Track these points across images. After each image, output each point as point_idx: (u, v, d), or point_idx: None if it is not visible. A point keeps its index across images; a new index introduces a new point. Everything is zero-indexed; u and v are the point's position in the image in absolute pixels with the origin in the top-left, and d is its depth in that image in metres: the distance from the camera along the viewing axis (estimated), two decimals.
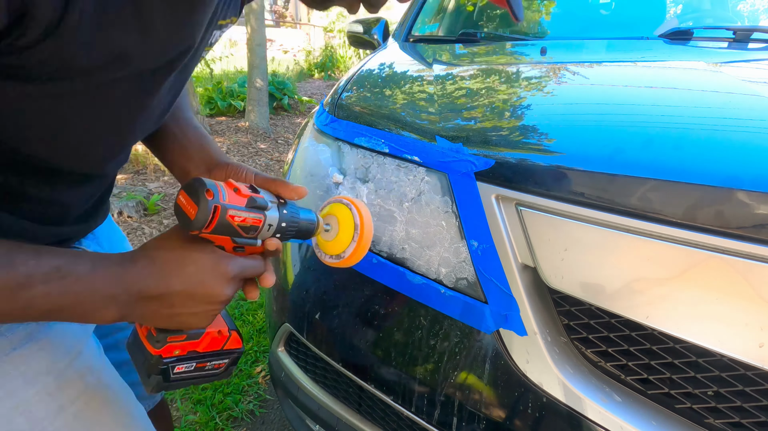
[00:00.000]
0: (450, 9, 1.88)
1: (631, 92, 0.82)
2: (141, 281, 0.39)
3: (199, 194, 0.39)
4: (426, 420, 0.69)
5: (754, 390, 0.52)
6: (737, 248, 0.49)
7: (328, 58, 9.21)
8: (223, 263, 0.42)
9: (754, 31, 1.23)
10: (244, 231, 0.42)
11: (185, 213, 0.40)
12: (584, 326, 0.61)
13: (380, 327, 0.73)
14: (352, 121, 0.86)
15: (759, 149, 0.56)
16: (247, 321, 1.85)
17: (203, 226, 0.39)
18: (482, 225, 0.66)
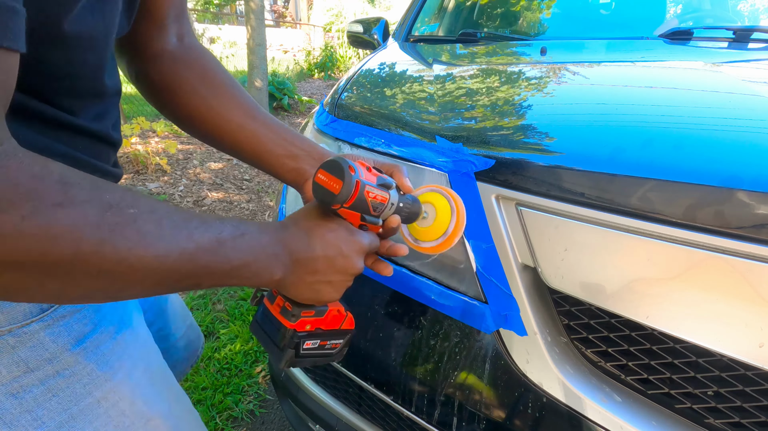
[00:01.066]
0: (450, 9, 1.88)
1: (631, 92, 0.82)
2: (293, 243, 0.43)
3: (343, 170, 0.43)
4: (426, 420, 0.69)
5: (754, 390, 0.52)
6: (737, 248, 0.49)
7: (328, 58, 9.21)
8: (357, 235, 0.46)
9: (754, 31, 1.23)
10: (373, 208, 0.46)
11: (328, 189, 0.43)
12: (584, 326, 0.61)
13: (380, 328, 0.73)
14: (352, 121, 0.86)
15: (759, 149, 0.56)
16: (248, 321, 1.85)
17: (346, 200, 0.43)
18: (482, 225, 0.65)
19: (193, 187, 3.09)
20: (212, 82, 0.58)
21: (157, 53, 0.57)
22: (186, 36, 0.60)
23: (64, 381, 0.43)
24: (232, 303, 1.95)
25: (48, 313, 0.42)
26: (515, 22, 1.70)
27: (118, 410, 0.46)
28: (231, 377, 1.57)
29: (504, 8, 1.74)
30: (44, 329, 0.42)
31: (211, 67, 0.59)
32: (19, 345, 0.40)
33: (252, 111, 0.58)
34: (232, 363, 1.62)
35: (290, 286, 0.45)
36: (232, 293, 2.04)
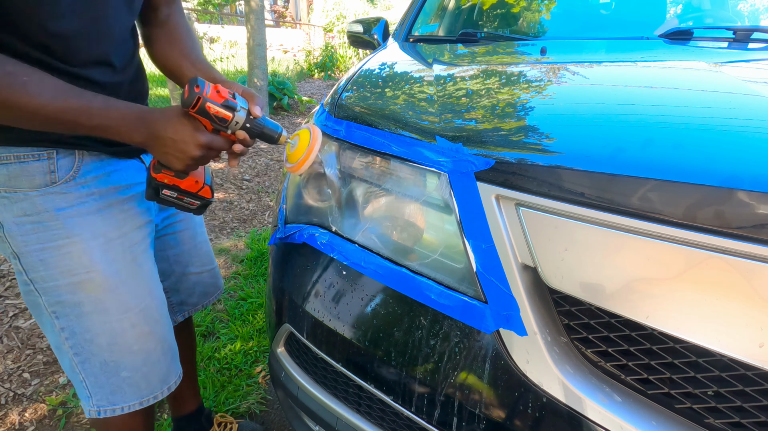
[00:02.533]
0: (450, 9, 1.88)
1: (631, 92, 0.82)
2: (153, 122, 0.66)
3: (192, 86, 0.63)
4: (426, 420, 0.69)
5: (754, 390, 0.52)
6: (737, 248, 0.49)
7: (328, 58, 9.21)
8: (198, 133, 0.66)
9: (754, 31, 1.23)
10: (217, 120, 0.66)
11: (184, 95, 0.63)
12: (584, 326, 0.61)
13: (380, 327, 0.73)
14: (352, 121, 0.86)
15: (759, 149, 0.56)
16: (248, 321, 1.85)
17: (189, 106, 0.63)
18: (482, 225, 0.65)
19: None
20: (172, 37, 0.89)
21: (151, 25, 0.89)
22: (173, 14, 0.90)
23: (42, 227, 0.71)
24: (232, 303, 1.95)
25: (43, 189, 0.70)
26: (515, 22, 1.70)
27: (69, 256, 0.72)
28: (231, 377, 1.57)
29: (504, 8, 1.74)
30: (39, 197, 0.70)
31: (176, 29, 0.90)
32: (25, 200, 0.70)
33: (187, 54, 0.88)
34: (232, 363, 1.62)
35: (150, 150, 0.69)
36: (232, 293, 2.04)
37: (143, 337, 0.81)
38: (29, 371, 1.57)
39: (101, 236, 0.75)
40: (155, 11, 0.88)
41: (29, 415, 1.41)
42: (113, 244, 0.76)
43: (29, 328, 1.76)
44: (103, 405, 0.80)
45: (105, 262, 0.75)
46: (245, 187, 3.28)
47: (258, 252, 2.35)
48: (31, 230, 0.70)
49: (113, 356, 0.78)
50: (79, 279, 0.73)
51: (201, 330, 1.79)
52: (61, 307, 0.74)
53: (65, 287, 0.73)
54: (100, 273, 0.74)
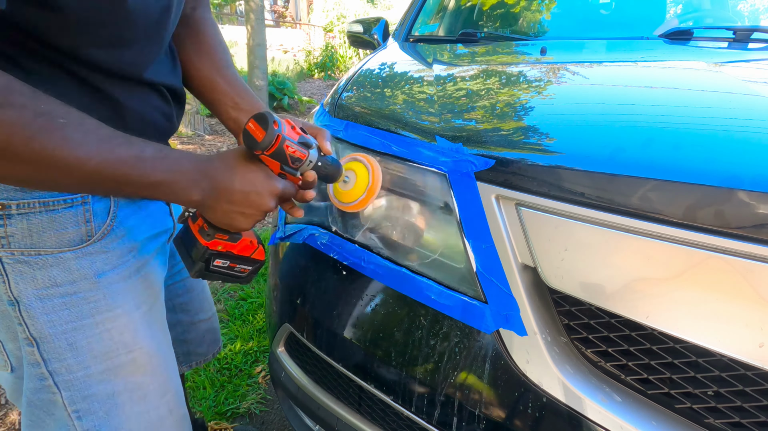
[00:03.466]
0: (450, 9, 1.88)
1: (631, 92, 0.82)
2: (217, 174, 0.52)
3: (268, 123, 0.51)
4: (426, 420, 0.69)
5: (754, 390, 0.52)
6: (737, 248, 0.49)
7: (328, 58, 9.21)
8: (273, 180, 0.54)
9: (754, 31, 1.23)
10: (292, 161, 0.54)
11: (253, 136, 0.51)
12: (584, 326, 0.61)
13: (380, 327, 0.73)
14: (352, 121, 0.86)
15: (759, 149, 0.56)
16: (248, 321, 1.85)
17: (267, 148, 0.51)
18: (482, 225, 0.66)
19: None
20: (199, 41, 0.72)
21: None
22: (198, 8, 0.75)
23: (77, 300, 0.54)
24: (232, 303, 1.95)
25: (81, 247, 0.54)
26: (515, 22, 1.70)
27: (109, 335, 0.57)
28: (231, 377, 1.57)
29: (504, 8, 1.74)
30: (75, 259, 0.53)
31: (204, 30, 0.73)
32: (55, 265, 0.52)
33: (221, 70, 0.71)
34: (232, 363, 1.62)
35: (208, 209, 0.54)
36: (232, 293, 2.04)
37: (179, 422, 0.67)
38: None
39: (144, 304, 0.61)
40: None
41: None
42: (153, 313, 0.62)
43: None
44: None
45: (148, 337, 0.60)
46: None
47: None
48: (61, 305, 0.53)
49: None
50: (118, 362, 0.58)
51: None
52: (89, 403, 0.57)
53: (98, 375, 0.57)
54: (143, 352, 0.60)
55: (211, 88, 0.71)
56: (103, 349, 0.56)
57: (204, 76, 0.71)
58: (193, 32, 0.72)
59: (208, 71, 0.71)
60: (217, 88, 0.71)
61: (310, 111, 4.20)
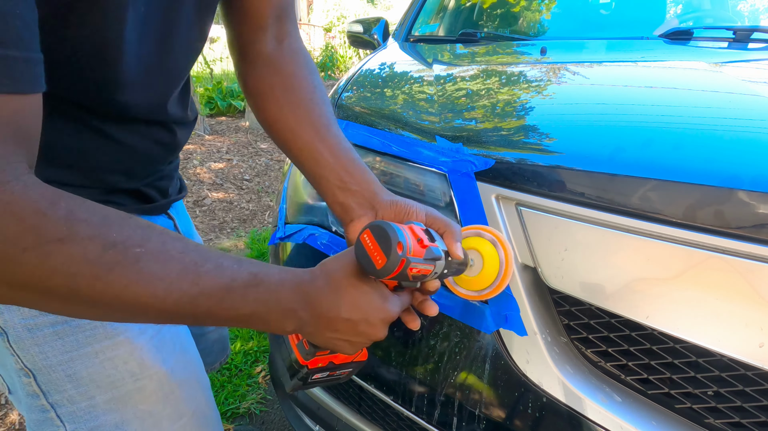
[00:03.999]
0: (450, 9, 1.88)
1: (631, 92, 0.82)
2: (318, 298, 0.42)
3: (390, 245, 0.39)
4: (426, 420, 0.69)
5: (754, 390, 0.52)
6: (737, 248, 0.49)
7: (328, 58, 9.21)
8: (389, 303, 0.44)
9: (754, 31, 1.23)
10: (413, 278, 0.43)
11: (371, 258, 0.41)
12: (584, 326, 0.61)
13: None
14: (352, 121, 0.86)
15: (759, 149, 0.56)
16: None
17: (386, 276, 0.40)
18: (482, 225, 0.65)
19: (194, 187, 3.09)
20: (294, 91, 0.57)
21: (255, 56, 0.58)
22: (287, 38, 0.60)
23: (70, 329, 0.49)
24: None
25: None
26: (515, 22, 1.70)
27: (112, 364, 0.51)
28: (231, 377, 1.57)
29: (504, 8, 1.74)
30: None
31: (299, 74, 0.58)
32: None
33: (322, 131, 0.56)
34: (232, 364, 1.62)
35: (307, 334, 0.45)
36: None
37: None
38: None
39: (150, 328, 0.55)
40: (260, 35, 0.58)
41: None
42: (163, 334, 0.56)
43: None
44: None
45: (159, 362, 0.55)
46: (245, 187, 3.28)
47: (258, 252, 2.35)
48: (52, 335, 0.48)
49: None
50: (125, 391, 0.53)
51: None
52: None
53: (103, 405, 0.52)
54: (152, 379, 0.54)
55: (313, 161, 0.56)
56: (108, 379, 0.52)
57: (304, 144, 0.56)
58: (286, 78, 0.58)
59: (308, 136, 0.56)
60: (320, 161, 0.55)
61: None
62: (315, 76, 0.60)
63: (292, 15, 0.60)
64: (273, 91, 0.57)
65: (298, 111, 0.56)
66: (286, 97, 0.57)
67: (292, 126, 0.56)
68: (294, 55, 0.59)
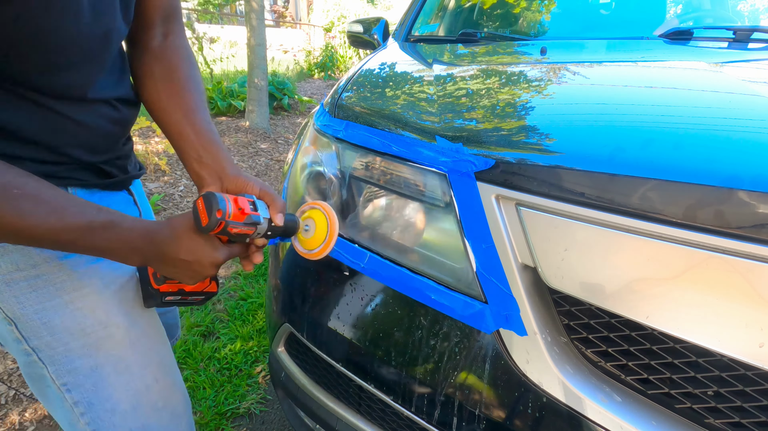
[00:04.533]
0: (450, 9, 1.88)
1: (631, 92, 0.82)
2: (162, 246, 0.56)
3: (212, 209, 0.53)
4: (426, 420, 0.69)
5: (754, 390, 0.52)
6: (737, 248, 0.49)
7: (328, 58, 9.21)
8: (216, 252, 0.58)
9: (755, 31, 1.23)
10: (239, 237, 0.58)
11: (199, 218, 0.54)
12: (584, 326, 0.61)
13: (380, 327, 0.73)
14: (352, 121, 0.86)
15: (759, 149, 0.56)
16: (248, 321, 1.85)
17: (208, 232, 0.55)
18: (482, 225, 0.66)
19: (193, 188, 3.09)
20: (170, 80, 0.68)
21: (143, 46, 0.68)
22: (171, 35, 0.70)
23: (42, 283, 0.57)
24: (232, 303, 1.95)
25: None
26: (515, 22, 1.70)
27: (81, 313, 0.60)
28: (231, 377, 1.57)
29: (504, 8, 1.74)
30: None
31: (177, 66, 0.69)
32: (14, 251, 0.55)
33: (189, 114, 0.67)
34: (232, 363, 1.62)
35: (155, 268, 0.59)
36: (232, 293, 2.04)
37: (167, 390, 0.70)
38: None
39: (113, 284, 0.63)
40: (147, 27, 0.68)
41: (29, 415, 1.41)
42: (125, 291, 0.65)
43: None
44: None
45: (122, 314, 0.63)
46: None
47: None
48: (27, 288, 0.57)
49: (139, 420, 0.66)
50: (96, 338, 0.61)
51: (201, 330, 1.79)
52: (74, 376, 0.61)
53: (78, 350, 0.60)
54: (119, 328, 0.63)
55: (178, 136, 0.67)
56: (78, 326, 0.60)
57: (172, 122, 0.67)
58: (165, 67, 0.68)
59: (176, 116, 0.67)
60: (183, 136, 0.66)
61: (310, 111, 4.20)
62: (193, 68, 0.71)
63: (178, 17, 0.72)
64: (153, 77, 0.67)
65: (171, 95, 0.67)
66: (164, 83, 0.67)
67: (164, 106, 0.67)
68: (176, 49, 0.70)
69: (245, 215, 0.56)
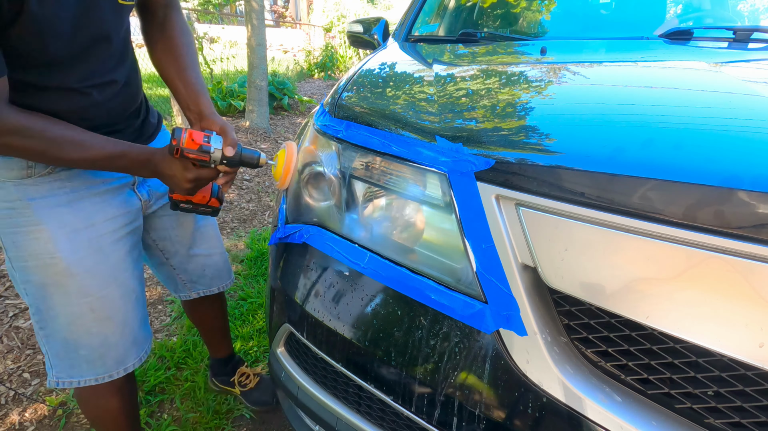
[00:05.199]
0: (450, 9, 1.88)
1: (631, 92, 0.82)
2: (155, 165, 0.81)
3: (171, 137, 0.77)
4: (426, 420, 0.69)
5: (754, 390, 0.52)
6: (737, 248, 0.49)
7: (328, 58, 9.21)
8: (186, 172, 0.80)
9: (755, 31, 1.23)
10: (197, 162, 0.80)
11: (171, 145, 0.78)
12: (584, 326, 0.61)
13: (380, 327, 0.73)
14: (352, 121, 0.86)
15: (759, 149, 0.56)
16: (248, 321, 1.85)
17: (173, 155, 0.78)
18: (482, 225, 0.66)
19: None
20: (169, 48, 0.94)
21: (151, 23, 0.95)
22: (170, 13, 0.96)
23: (13, 213, 0.79)
24: (232, 303, 1.95)
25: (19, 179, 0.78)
26: (515, 22, 1.70)
27: (36, 242, 0.80)
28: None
29: (504, 8, 1.74)
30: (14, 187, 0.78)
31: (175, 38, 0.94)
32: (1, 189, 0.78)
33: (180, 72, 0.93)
34: None
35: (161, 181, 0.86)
36: (232, 293, 2.04)
37: (101, 322, 0.87)
38: (29, 371, 1.57)
39: (67, 226, 0.82)
40: (153, 13, 0.94)
41: (29, 415, 1.41)
42: (79, 234, 0.83)
43: (29, 328, 1.76)
44: (62, 377, 0.88)
45: (68, 250, 0.81)
46: (245, 187, 3.28)
47: (258, 253, 2.36)
48: (5, 215, 0.79)
49: (72, 335, 0.86)
50: (44, 263, 0.81)
51: None
52: (30, 286, 0.83)
53: (33, 269, 0.81)
54: (62, 260, 0.81)
55: (173, 88, 0.94)
56: (34, 251, 0.80)
57: (168, 77, 0.94)
58: (165, 36, 0.94)
59: (171, 73, 0.93)
60: (176, 89, 0.93)
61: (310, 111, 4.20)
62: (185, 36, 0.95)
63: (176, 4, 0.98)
64: (158, 45, 0.94)
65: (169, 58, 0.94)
66: (164, 50, 0.94)
67: (164, 66, 0.94)
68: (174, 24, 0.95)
69: (198, 145, 0.78)
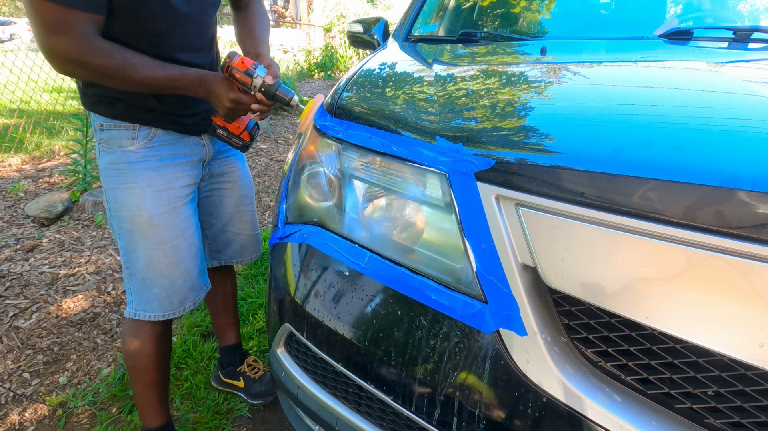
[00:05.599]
0: (450, 9, 1.88)
1: (631, 92, 0.82)
2: (208, 84, 0.98)
3: (226, 57, 0.97)
4: (426, 420, 0.69)
5: (754, 390, 0.52)
6: (737, 248, 0.49)
7: (328, 58, 9.21)
8: (229, 91, 0.98)
9: (755, 31, 1.23)
10: (241, 83, 0.97)
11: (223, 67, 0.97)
12: (584, 326, 0.61)
13: (380, 327, 0.73)
14: (352, 121, 0.86)
15: (759, 149, 0.56)
16: (248, 321, 1.85)
17: (223, 71, 0.97)
18: (482, 225, 0.66)
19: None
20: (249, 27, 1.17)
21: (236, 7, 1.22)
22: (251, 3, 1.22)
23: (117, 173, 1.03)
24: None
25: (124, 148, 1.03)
26: (515, 22, 1.70)
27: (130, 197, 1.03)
28: None
29: (504, 8, 1.74)
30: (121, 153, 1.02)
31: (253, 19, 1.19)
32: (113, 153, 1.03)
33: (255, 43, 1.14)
34: None
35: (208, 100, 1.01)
36: None
37: (171, 266, 1.08)
38: (29, 371, 1.57)
39: (153, 186, 1.04)
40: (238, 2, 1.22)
41: (29, 415, 1.41)
42: (162, 194, 1.05)
43: (29, 328, 1.76)
44: (139, 311, 1.10)
45: (152, 206, 1.03)
46: None
47: None
48: (112, 173, 1.03)
49: (149, 275, 1.07)
50: (133, 213, 1.03)
51: (201, 330, 1.79)
52: (122, 231, 1.06)
53: (125, 217, 1.04)
54: (146, 212, 1.03)
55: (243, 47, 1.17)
56: (128, 204, 1.03)
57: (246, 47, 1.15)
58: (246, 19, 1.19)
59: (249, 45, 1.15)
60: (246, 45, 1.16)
61: None
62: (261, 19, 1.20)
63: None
64: (240, 24, 1.19)
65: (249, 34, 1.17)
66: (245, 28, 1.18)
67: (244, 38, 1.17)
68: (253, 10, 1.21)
69: (245, 67, 0.96)
